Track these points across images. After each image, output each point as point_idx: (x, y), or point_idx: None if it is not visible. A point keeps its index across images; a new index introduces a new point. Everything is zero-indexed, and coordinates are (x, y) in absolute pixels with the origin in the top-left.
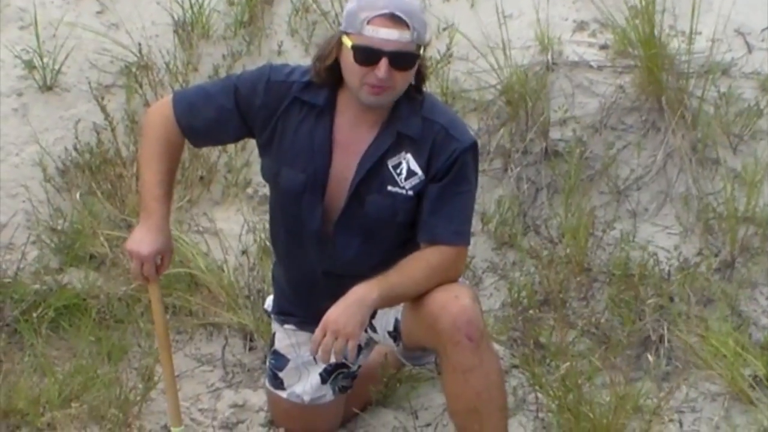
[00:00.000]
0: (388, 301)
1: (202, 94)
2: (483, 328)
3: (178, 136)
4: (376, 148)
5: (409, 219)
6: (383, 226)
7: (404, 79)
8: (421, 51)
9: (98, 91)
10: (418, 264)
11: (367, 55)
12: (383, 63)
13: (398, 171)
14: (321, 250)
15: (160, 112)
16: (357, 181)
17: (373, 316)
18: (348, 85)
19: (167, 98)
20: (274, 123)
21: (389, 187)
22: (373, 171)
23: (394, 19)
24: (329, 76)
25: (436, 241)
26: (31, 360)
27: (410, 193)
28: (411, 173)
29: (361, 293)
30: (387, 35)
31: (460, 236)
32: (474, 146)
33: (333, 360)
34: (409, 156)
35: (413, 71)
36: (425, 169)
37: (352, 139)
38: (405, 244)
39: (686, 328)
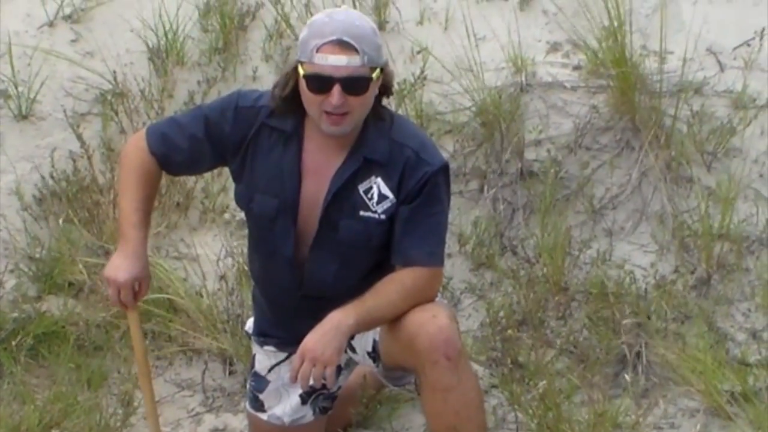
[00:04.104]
0: (365, 326)
1: (174, 125)
2: (461, 348)
3: (153, 166)
4: (343, 172)
5: (383, 242)
6: (358, 250)
7: (361, 104)
8: (376, 73)
9: (74, 119)
10: (394, 287)
11: (319, 83)
12: (336, 89)
13: (369, 195)
14: (296, 274)
15: (134, 143)
16: (326, 205)
17: (352, 336)
18: (309, 114)
19: (141, 131)
20: (245, 149)
21: (361, 212)
22: (343, 196)
23: (342, 45)
24: (289, 105)
25: (410, 263)
26: (10, 388)
27: (383, 217)
28: (382, 197)
29: (338, 319)
30: (336, 61)
31: (434, 257)
32: (445, 167)
33: (312, 383)
34: (379, 180)
35: (369, 95)
36: (396, 192)
37: (320, 164)
38: (382, 264)
39: (664, 345)
